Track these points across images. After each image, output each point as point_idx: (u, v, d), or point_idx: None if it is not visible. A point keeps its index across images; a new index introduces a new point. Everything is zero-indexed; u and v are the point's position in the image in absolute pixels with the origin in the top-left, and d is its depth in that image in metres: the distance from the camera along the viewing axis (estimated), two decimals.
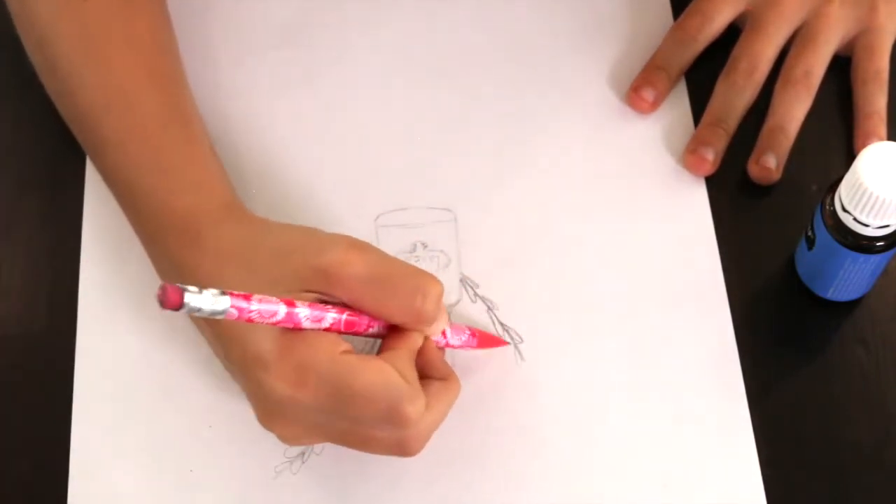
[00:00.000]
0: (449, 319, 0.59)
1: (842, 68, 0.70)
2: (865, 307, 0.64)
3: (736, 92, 0.68)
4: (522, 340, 0.63)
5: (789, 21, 0.68)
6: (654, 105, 0.68)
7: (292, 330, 0.53)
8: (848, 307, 0.64)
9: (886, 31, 0.69)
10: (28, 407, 0.62)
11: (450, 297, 0.64)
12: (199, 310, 0.47)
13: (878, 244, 0.59)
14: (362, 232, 0.66)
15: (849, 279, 0.62)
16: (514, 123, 0.69)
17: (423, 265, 0.65)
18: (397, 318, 0.56)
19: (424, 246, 0.66)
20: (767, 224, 0.66)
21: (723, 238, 0.66)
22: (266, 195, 0.67)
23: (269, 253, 0.56)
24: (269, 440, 0.60)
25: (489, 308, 0.64)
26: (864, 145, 0.66)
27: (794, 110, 0.67)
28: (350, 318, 0.55)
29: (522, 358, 0.63)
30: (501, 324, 0.64)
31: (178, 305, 0.46)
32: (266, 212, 0.66)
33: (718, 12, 0.69)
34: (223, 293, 0.48)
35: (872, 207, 0.57)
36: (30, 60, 0.66)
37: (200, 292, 0.47)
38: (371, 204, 0.67)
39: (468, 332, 0.61)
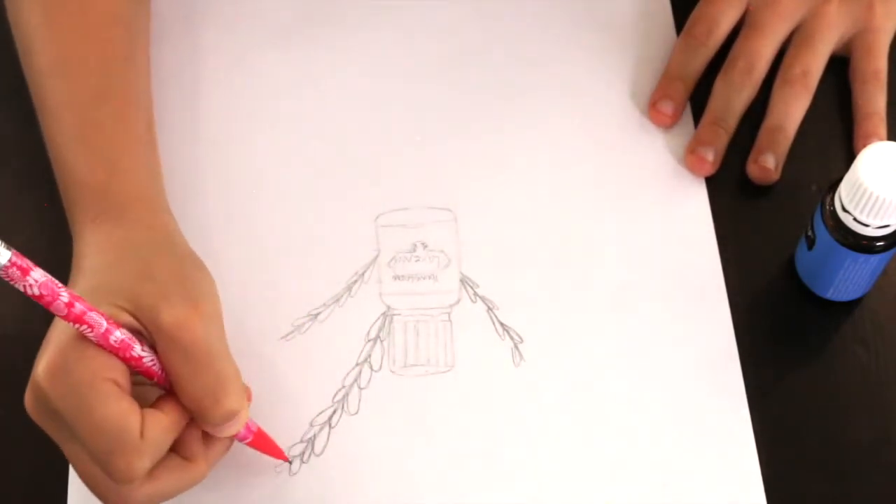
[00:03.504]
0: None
1: (841, 68, 0.70)
2: (865, 307, 0.64)
3: (735, 91, 0.68)
4: (522, 340, 0.63)
5: (787, 20, 0.68)
6: (675, 117, 0.68)
7: (81, 337, 0.52)
8: (848, 307, 0.64)
9: (884, 30, 0.69)
10: None
11: (450, 297, 0.65)
12: None
13: (878, 244, 0.59)
14: (362, 232, 0.66)
15: (849, 279, 0.62)
16: (514, 124, 0.69)
17: (423, 265, 0.65)
18: (184, 399, 0.54)
19: (424, 246, 0.66)
20: (767, 224, 0.66)
21: (723, 238, 0.66)
22: (266, 195, 0.67)
23: (135, 264, 0.55)
24: None
25: (489, 308, 0.64)
26: (864, 145, 0.66)
27: (792, 110, 0.67)
28: (151, 365, 0.54)
29: (522, 358, 0.63)
30: (501, 324, 0.64)
31: None
32: (266, 211, 0.66)
33: (723, 15, 0.69)
34: (8, 248, 0.48)
35: (872, 207, 0.57)
36: None
37: None
38: (371, 204, 0.67)
39: (250, 432, 0.58)
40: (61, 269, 0.65)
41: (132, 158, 0.60)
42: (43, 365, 0.52)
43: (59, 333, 0.53)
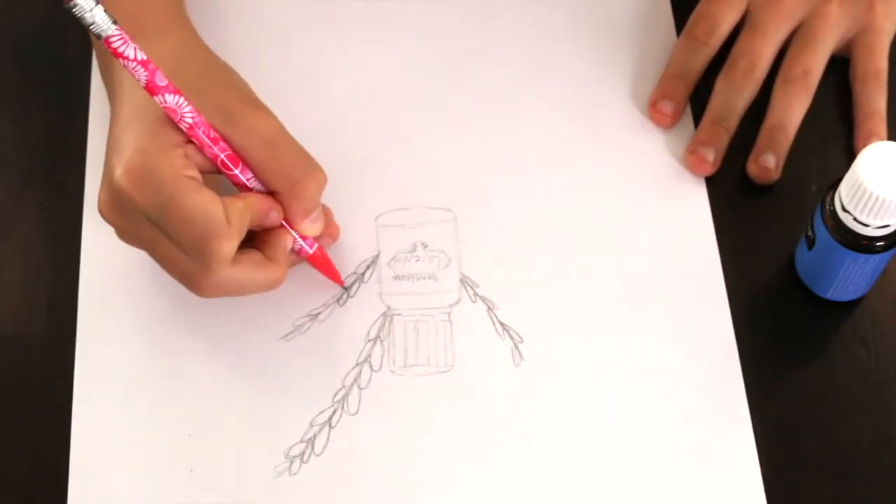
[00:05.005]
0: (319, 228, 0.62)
1: (841, 68, 0.70)
2: (865, 307, 0.64)
3: (736, 91, 0.68)
4: (522, 340, 0.63)
5: (788, 20, 0.68)
6: (675, 117, 0.68)
7: (162, 133, 0.56)
8: (848, 307, 0.64)
9: (885, 30, 0.69)
10: (28, 407, 0.62)
11: (450, 297, 0.65)
12: (83, 14, 0.52)
13: (878, 244, 0.59)
14: (362, 232, 0.66)
15: (849, 279, 0.62)
16: (514, 123, 0.69)
17: (423, 265, 0.65)
18: (275, 182, 0.58)
19: (424, 246, 0.66)
20: (767, 224, 0.66)
21: (723, 238, 0.66)
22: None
23: (196, 71, 0.60)
24: (269, 440, 0.61)
25: (489, 308, 0.64)
26: (864, 145, 0.66)
27: (792, 109, 0.67)
28: (231, 152, 0.58)
29: (522, 358, 0.63)
30: (501, 324, 0.64)
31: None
32: None
33: (725, 15, 0.69)
34: (115, 22, 0.53)
35: (872, 207, 0.57)
36: (30, 61, 0.66)
37: (96, 3, 0.52)
38: (371, 204, 0.67)
39: (315, 243, 0.63)
40: (62, 268, 0.65)
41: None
42: (123, 168, 0.56)
43: (133, 139, 0.56)
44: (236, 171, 0.58)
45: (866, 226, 0.58)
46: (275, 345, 0.63)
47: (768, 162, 0.66)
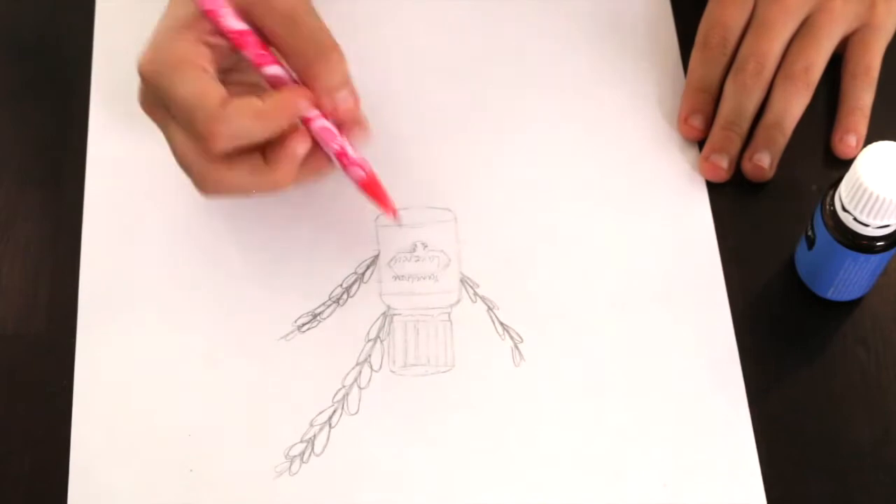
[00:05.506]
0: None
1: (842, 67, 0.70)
2: (865, 307, 0.64)
3: (746, 95, 0.67)
4: (522, 340, 0.63)
5: (794, 16, 0.68)
6: (706, 130, 0.68)
7: (186, 22, 0.58)
8: (848, 307, 0.64)
9: (883, 28, 0.69)
10: (28, 407, 0.62)
11: (450, 297, 0.65)
12: None
13: (878, 244, 0.59)
14: (362, 232, 0.66)
15: (849, 279, 0.62)
16: (514, 124, 0.69)
17: (423, 265, 0.65)
18: (292, 60, 0.59)
19: (424, 246, 0.66)
20: (767, 224, 0.66)
21: (723, 238, 0.66)
22: (266, 195, 0.66)
23: None
24: (269, 440, 0.61)
25: (489, 308, 0.64)
26: (841, 140, 0.67)
27: (792, 106, 0.67)
28: (259, 49, 0.59)
29: (522, 358, 0.63)
30: (501, 323, 0.64)
31: None
32: (266, 211, 0.66)
33: (735, 21, 0.69)
34: None
35: (872, 207, 0.57)
36: (30, 61, 0.66)
37: None
38: (371, 204, 0.66)
39: (363, 168, 0.62)
40: (62, 268, 0.65)
41: None
42: (143, 53, 0.59)
43: (159, 29, 0.59)
44: (259, 54, 0.59)
45: (866, 226, 0.58)
46: (275, 345, 0.63)
47: (763, 161, 0.66)
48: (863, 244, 0.59)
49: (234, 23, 0.58)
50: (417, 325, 0.64)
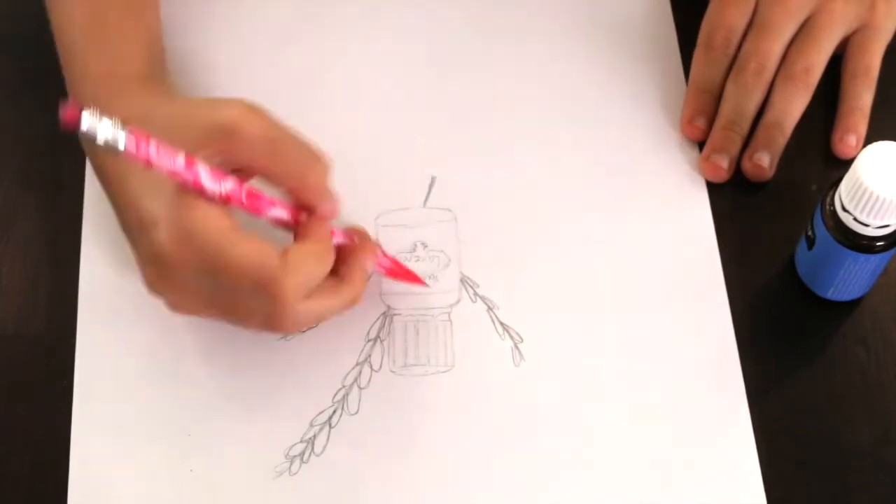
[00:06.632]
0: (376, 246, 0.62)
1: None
2: (865, 307, 0.64)
3: (747, 95, 0.67)
4: (522, 340, 0.63)
5: (795, 17, 0.68)
6: (709, 130, 0.68)
7: (186, 197, 0.54)
8: (848, 307, 0.64)
9: (883, 29, 0.69)
10: (28, 407, 0.62)
11: (450, 297, 0.65)
12: (95, 136, 0.48)
13: (878, 244, 0.59)
14: None
15: (849, 279, 0.62)
16: (514, 124, 0.69)
17: (423, 265, 0.65)
18: (285, 184, 0.57)
19: (424, 246, 0.66)
20: (767, 224, 0.66)
21: (723, 238, 0.66)
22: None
23: (170, 115, 0.57)
24: (269, 440, 0.61)
25: (489, 308, 0.64)
26: (841, 140, 0.67)
27: (792, 107, 0.67)
28: (251, 191, 0.56)
29: (522, 358, 0.63)
30: (502, 323, 0.64)
31: (75, 123, 0.47)
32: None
33: (737, 21, 0.69)
34: (124, 126, 0.50)
35: (872, 207, 0.57)
36: (30, 61, 0.66)
37: (100, 118, 0.48)
38: (371, 204, 0.67)
39: (387, 260, 0.63)
40: (62, 268, 0.65)
41: (137, 45, 0.64)
42: (166, 237, 0.55)
43: (162, 209, 0.56)
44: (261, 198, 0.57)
45: (866, 226, 0.58)
46: (275, 345, 0.63)
47: (762, 161, 0.67)
48: (863, 244, 0.59)
49: (216, 184, 0.54)
50: (417, 325, 0.64)
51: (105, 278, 0.65)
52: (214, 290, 0.56)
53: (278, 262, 0.55)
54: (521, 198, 0.67)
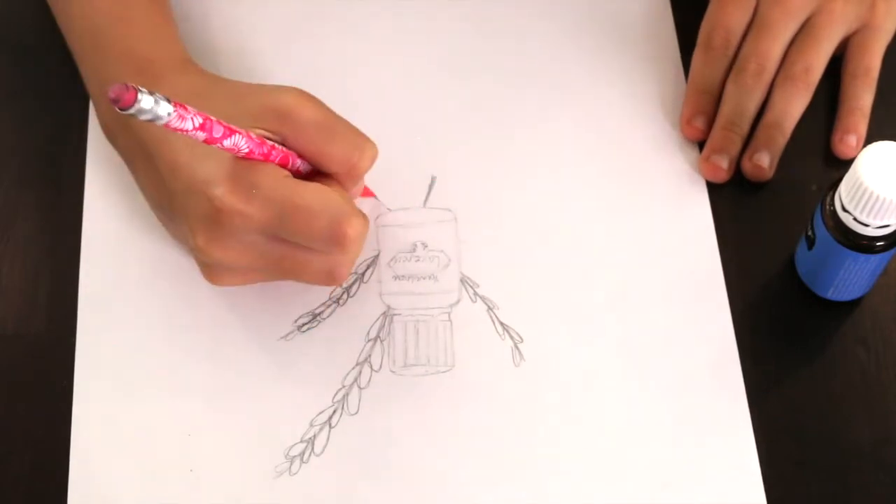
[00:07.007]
0: None
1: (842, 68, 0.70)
2: (865, 307, 0.64)
3: (747, 95, 0.67)
4: (522, 340, 0.63)
5: (795, 18, 0.68)
6: (708, 131, 0.68)
7: (239, 158, 0.55)
8: (848, 307, 0.64)
9: (883, 29, 0.69)
10: (28, 407, 0.62)
11: (450, 297, 0.65)
12: (149, 110, 0.49)
13: (878, 244, 0.59)
14: None
15: (849, 279, 0.62)
16: (513, 124, 0.69)
17: (423, 265, 0.65)
18: (333, 167, 0.58)
19: (424, 246, 0.66)
20: (767, 224, 0.66)
21: (723, 238, 0.66)
22: None
23: (224, 95, 0.59)
24: (269, 440, 0.61)
25: (489, 308, 0.64)
26: (841, 140, 0.67)
27: (791, 107, 0.67)
28: (300, 170, 0.58)
29: (522, 358, 0.63)
30: (502, 323, 0.64)
31: (131, 102, 0.48)
32: None
33: (737, 22, 0.69)
34: (170, 100, 0.50)
35: (872, 207, 0.57)
36: (30, 61, 0.66)
37: (152, 94, 0.49)
38: (371, 204, 0.67)
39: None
40: (62, 268, 0.65)
41: (169, 29, 0.66)
42: (226, 190, 0.55)
43: (216, 167, 0.56)
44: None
45: (866, 226, 0.58)
46: (275, 345, 0.63)
47: (762, 161, 0.67)
48: (863, 244, 0.59)
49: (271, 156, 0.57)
50: (417, 324, 0.64)
51: (105, 278, 0.65)
52: (276, 244, 0.57)
53: (344, 203, 0.56)
54: (521, 198, 0.67)
